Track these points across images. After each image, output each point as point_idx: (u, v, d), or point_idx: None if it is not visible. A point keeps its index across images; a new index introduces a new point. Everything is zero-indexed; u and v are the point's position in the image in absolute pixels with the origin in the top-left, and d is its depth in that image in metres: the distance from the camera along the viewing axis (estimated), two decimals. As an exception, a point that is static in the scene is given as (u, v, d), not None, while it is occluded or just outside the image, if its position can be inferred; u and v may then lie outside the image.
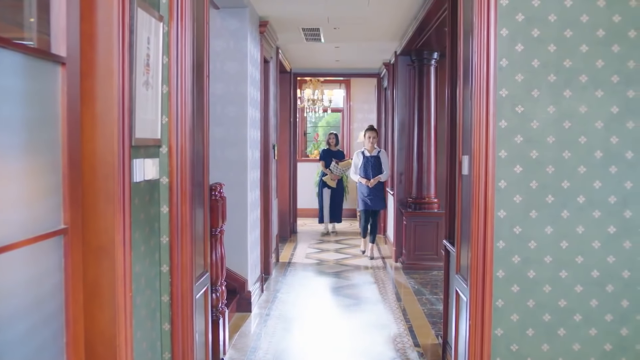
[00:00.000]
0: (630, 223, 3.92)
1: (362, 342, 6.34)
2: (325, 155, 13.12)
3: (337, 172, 13.01)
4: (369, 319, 7.19)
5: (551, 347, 3.98)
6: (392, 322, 6.99)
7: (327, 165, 13.01)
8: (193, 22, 3.95)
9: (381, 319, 7.13)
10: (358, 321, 7.10)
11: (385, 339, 6.42)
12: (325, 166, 13.05)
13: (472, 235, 3.93)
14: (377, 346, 6.20)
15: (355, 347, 6.19)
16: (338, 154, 13.20)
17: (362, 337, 6.54)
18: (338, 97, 16.01)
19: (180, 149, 3.89)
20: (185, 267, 3.94)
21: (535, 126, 3.89)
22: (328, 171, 13.00)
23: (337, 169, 12.96)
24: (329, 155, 13.03)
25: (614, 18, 3.85)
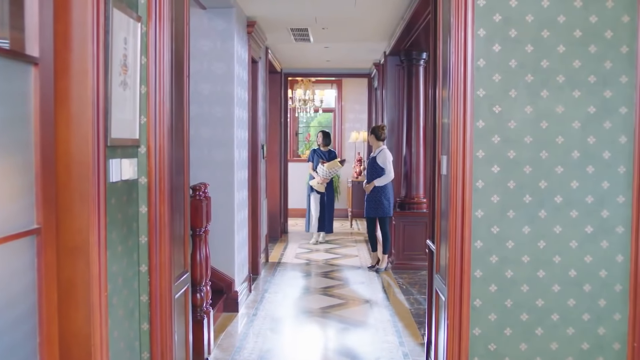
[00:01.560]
0: (607, 223, 3.94)
1: (348, 342, 6.35)
2: (314, 156, 12.00)
3: (325, 174, 11.70)
4: (356, 319, 7.20)
5: (529, 347, 3.99)
6: (379, 322, 7.00)
7: (316, 167, 11.88)
8: (172, 22, 3.95)
9: (368, 319, 7.15)
10: (345, 322, 7.11)
11: (372, 339, 6.43)
12: (314, 168, 11.91)
13: (450, 235, 3.94)
14: (363, 346, 6.21)
15: (340, 347, 6.21)
16: (329, 154, 11.94)
17: (348, 336, 6.55)
18: (329, 97, 16.03)
19: (158, 149, 3.90)
20: (164, 267, 3.95)
21: (512, 126, 3.90)
22: (315, 174, 11.84)
23: (324, 171, 11.66)
24: (319, 157, 11.91)
25: (591, 18, 3.87)
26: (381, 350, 6.04)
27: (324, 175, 11.70)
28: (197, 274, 5.57)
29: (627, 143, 3.90)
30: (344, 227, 14.42)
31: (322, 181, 11.77)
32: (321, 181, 11.76)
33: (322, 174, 11.69)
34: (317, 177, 11.75)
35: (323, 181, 11.78)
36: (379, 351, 6.03)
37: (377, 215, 9.63)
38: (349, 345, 6.25)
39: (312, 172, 11.90)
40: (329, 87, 15.98)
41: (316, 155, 11.91)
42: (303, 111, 14.85)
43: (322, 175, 11.70)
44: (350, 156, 15.68)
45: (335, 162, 11.69)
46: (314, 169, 11.83)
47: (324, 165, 11.60)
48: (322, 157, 11.78)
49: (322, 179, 11.74)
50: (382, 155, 9.54)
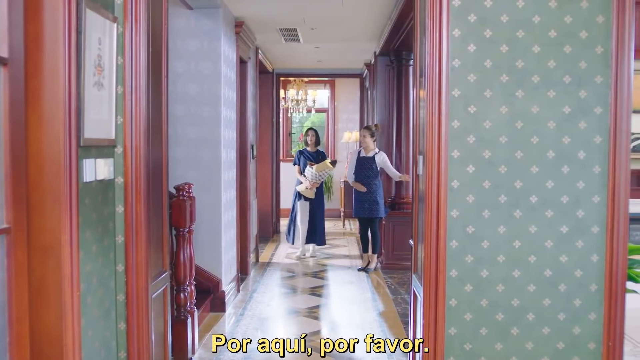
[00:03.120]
0: (582, 223, 3.95)
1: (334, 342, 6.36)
2: (301, 158, 10.54)
3: (315, 178, 10.26)
4: (343, 319, 7.21)
5: (504, 346, 4.01)
6: (366, 322, 7.00)
7: (304, 170, 10.40)
8: (148, 22, 3.96)
9: (355, 319, 7.15)
10: (332, 321, 7.12)
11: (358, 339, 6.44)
12: (301, 172, 10.45)
13: (425, 235, 3.96)
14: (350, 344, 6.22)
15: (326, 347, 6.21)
16: (317, 155, 10.54)
17: (334, 337, 6.55)
18: (323, 98, 16.04)
19: (135, 149, 3.91)
20: (140, 267, 3.96)
21: (487, 126, 3.92)
22: (303, 178, 10.34)
23: (314, 174, 10.22)
24: (306, 158, 10.47)
25: (566, 19, 3.88)
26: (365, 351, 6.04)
27: (314, 179, 10.24)
28: (181, 274, 5.57)
29: (602, 143, 3.92)
30: (337, 227, 14.42)
31: (312, 186, 10.30)
32: (310, 186, 10.29)
33: (312, 177, 10.22)
34: (306, 182, 10.28)
35: (313, 186, 10.30)
36: (364, 351, 6.03)
37: (373, 216, 9.50)
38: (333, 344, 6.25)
39: (299, 176, 10.46)
40: (322, 87, 15.99)
41: (303, 156, 10.48)
42: (296, 111, 14.86)
43: (312, 179, 10.23)
44: (342, 156, 15.68)
45: (325, 164, 10.27)
46: (302, 173, 10.39)
47: (312, 168, 10.16)
48: (311, 159, 10.40)
49: (312, 183, 10.27)
50: (381, 157, 9.49)
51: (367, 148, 9.59)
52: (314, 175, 10.19)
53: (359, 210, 9.57)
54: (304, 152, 10.53)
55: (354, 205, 9.68)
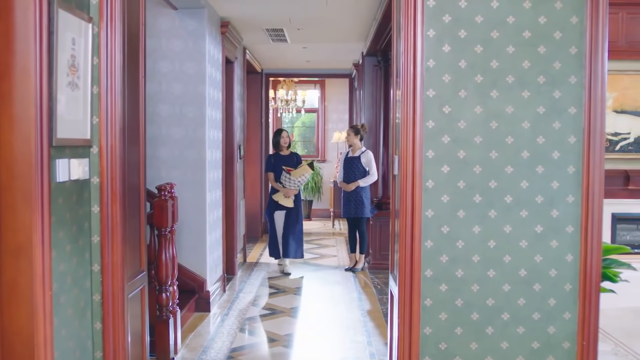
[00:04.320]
0: (556, 222, 3.96)
1: (318, 343, 6.37)
2: (273, 163, 9.48)
3: (292, 184, 9.32)
4: (328, 319, 7.22)
5: (480, 346, 4.02)
6: (350, 321, 7.02)
7: (278, 177, 9.41)
8: (124, 23, 3.96)
9: (340, 319, 7.16)
10: (316, 321, 7.13)
11: (341, 339, 6.45)
12: (276, 179, 9.42)
13: (400, 235, 3.97)
14: (331, 346, 6.23)
15: (309, 347, 6.22)
16: (290, 159, 9.53)
17: (319, 337, 6.56)
18: (313, 98, 16.06)
19: (110, 149, 3.92)
20: (116, 266, 3.96)
21: (462, 126, 3.93)
22: (279, 186, 9.35)
23: (291, 180, 9.29)
24: (279, 163, 9.43)
25: (540, 19, 3.89)
26: (348, 350, 6.06)
27: (293, 185, 9.32)
28: (163, 274, 5.58)
29: (576, 143, 3.93)
30: (326, 227, 14.42)
31: (290, 194, 9.35)
32: (289, 194, 9.34)
33: (290, 184, 9.29)
34: (282, 190, 9.31)
35: (291, 193, 9.36)
36: (346, 351, 6.05)
37: (359, 216, 9.49)
38: (316, 345, 6.27)
39: (274, 184, 9.40)
40: (312, 88, 16.00)
41: (278, 161, 9.46)
42: (285, 111, 14.86)
43: (290, 187, 9.30)
44: (332, 156, 15.71)
45: (304, 168, 9.39)
46: (277, 180, 9.39)
47: (290, 174, 9.27)
48: (287, 164, 9.42)
49: (291, 190, 9.32)
50: (367, 156, 9.44)
51: (354, 148, 9.59)
52: (294, 182, 9.28)
53: (345, 210, 9.59)
54: (277, 157, 9.52)
55: (342, 206, 9.73)
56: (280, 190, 9.31)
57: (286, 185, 9.31)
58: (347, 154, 9.71)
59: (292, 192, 9.32)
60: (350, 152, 9.65)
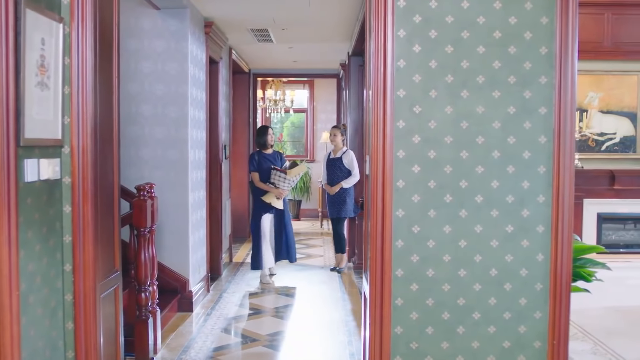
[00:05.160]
0: (527, 222, 3.98)
1: (299, 342, 6.38)
2: (258, 161, 8.95)
3: (287, 185, 8.88)
4: (311, 319, 7.24)
5: (451, 345, 4.03)
6: (333, 321, 7.04)
7: (266, 177, 8.86)
8: (95, 23, 3.96)
9: (323, 319, 7.18)
10: (299, 321, 7.14)
11: (322, 338, 6.47)
12: (264, 179, 8.87)
13: (371, 235, 3.98)
14: (312, 345, 6.24)
15: (290, 347, 6.23)
16: (275, 158, 9.11)
17: (300, 337, 6.57)
18: (302, 98, 16.07)
19: (82, 149, 3.92)
20: (88, 266, 3.97)
21: (433, 126, 3.94)
22: (270, 187, 8.83)
23: (286, 180, 8.83)
24: (265, 162, 8.95)
25: (510, 20, 3.91)
26: (329, 349, 6.08)
27: (287, 186, 8.91)
28: (142, 274, 5.58)
29: (546, 143, 3.95)
30: (315, 227, 14.42)
31: (284, 194, 8.95)
32: (282, 195, 8.92)
33: (285, 185, 8.85)
34: (275, 191, 8.81)
35: (285, 194, 8.97)
36: (327, 350, 6.07)
37: (342, 216, 9.45)
38: (297, 344, 6.28)
39: (262, 185, 8.86)
40: (301, 88, 16.00)
41: (262, 161, 8.97)
42: (274, 111, 14.87)
43: (284, 187, 8.87)
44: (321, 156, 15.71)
45: (301, 167, 9.16)
46: (266, 181, 8.87)
47: (285, 174, 8.80)
48: (272, 163, 8.99)
49: (283, 191, 8.88)
50: (349, 156, 9.36)
51: (336, 149, 9.53)
52: (289, 181, 8.86)
53: (330, 210, 9.57)
54: (262, 156, 9.00)
55: (327, 206, 9.73)
56: (272, 191, 8.78)
57: (279, 185, 8.81)
58: (328, 155, 9.64)
59: (285, 193, 8.94)
60: (332, 154, 9.57)
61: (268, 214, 8.91)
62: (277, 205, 8.86)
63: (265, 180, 8.86)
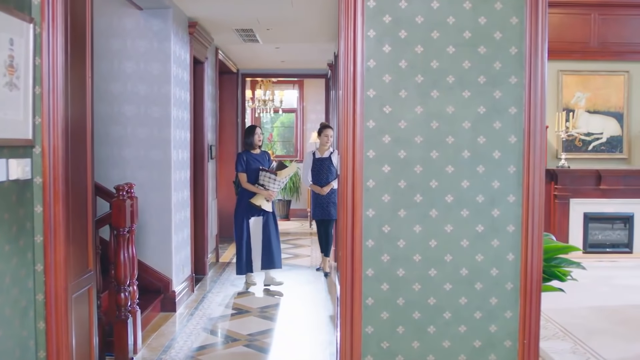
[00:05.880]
0: (498, 222, 3.98)
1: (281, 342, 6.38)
2: (246, 161, 8.53)
3: (277, 186, 8.54)
4: (294, 319, 7.25)
5: (421, 344, 4.03)
6: (316, 321, 7.05)
7: (253, 178, 8.48)
8: (66, 23, 3.96)
9: (306, 319, 7.20)
10: (282, 321, 7.14)
11: (305, 338, 6.48)
12: (251, 180, 8.48)
13: (341, 234, 3.98)
14: (294, 345, 6.25)
15: (269, 345, 6.24)
16: (262, 158, 8.70)
17: (281, 335, 6.58)
18: (291, 98, 16.07)
19: (53, 149, 3.92)
20: (59, 266, 3.97)
21: (403, 126, 3.94)
22: (259, 189, 8.43)
23: (277, 181, 8.48)
24: (253, 163, 8.55)
25: (480, 20, 3.91)
26: (310, 349, 6.10)
27: (277, 187, 8.58)
28: (121, 274, 5.59)
29: (517, 143, 3.95)
30: (304, 227, 14.42)
31: (274, 196, 8.60)
32: (272, 197, 8.55)
33: (275, 186, 8.50)
34: (265, 193, 8.44)
35: (274, 196, 8.62)
36: (307, 350, 6.09)
37: (327, 218, 9.22)
38: (279, 344, 6.29)
39: (250, 186, 8.46)
40: (290, 88, 16.01)
41: (251, 161, 8.57)
42: (263, 111, 14.87)
43: (275, 188, 8.51)
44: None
45: (292, 167, 8.79)
46: (254, 182, 8.49)
47: (275, 175, 8.47)
48: (260, 164, 8.61)
49: (272, 192, 8.50)
50: (337, 156, 9.12)
51: (322, 149, 9.33)
52: (278, 182, 8.51)
53: (316, 211, 9.36)
54: (249, 156, 8.59)
55: (311, 207, 9.53)
56: (262, 192, 8.38)
57: (269, 187, 8.41)
58: (313, 154, 9.34)
59: (275, 195, 8.56)
60: (317, 153, 9.33)
61: (257, 217, 8.51)
62: (267, 207, 8.47)
63: (253, 182, 8.48)
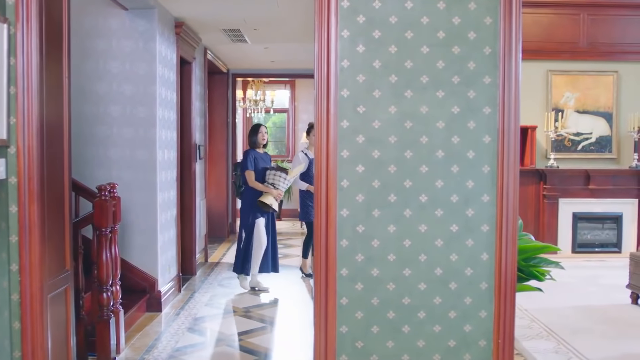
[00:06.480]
0: (472, 221, 3.99)
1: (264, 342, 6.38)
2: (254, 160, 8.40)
3: (285, 185, 8.47)
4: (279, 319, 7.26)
5: (396, 344, 4.04)
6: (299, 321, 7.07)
7: (260, 178, 8.39)
8: (41, 23, 3.97)
9: (289, 319, 7.21)
10: (268, 321, 7.14)
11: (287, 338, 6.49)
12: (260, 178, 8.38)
13: (315, 234, 3.99)
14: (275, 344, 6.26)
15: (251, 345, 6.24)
16: (266, 158, 8.70)
17: (263, 335, 6.59)
18: (283, 98, 16.07)
19: (27, 149, 3.93)
20: (34, 266, 3.98)
21: (377, 126, 3.95)
22: (269, 188, 8.30)
23: (286, 181, 8.42)
24: (259, 162, 8.46)
25: (454, 20, 3.92)
26: (293, 350, 6.10)
27: (285, 187, 8.50)
28: (103, 274, 5.59)
29: (491, 143, 3.96)
30: (295, 227, 14.42)
31: (279, 196, 8.45)
32: (281, 196, 8.48)
33: (284, 185, 8.42)
34: (275, 192, 8.31)
35: (280, 196, 8.47)
36: (290, 350, 6.09)
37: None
38: (261, 344, 6.29)
39: (259, 185, 8.32)
40: (282, 88, 16.01)
41: (258, 159, 8.47)
42: (255, 112, 14.87)
43: (283, 188, 8.44)
44: (302, 156, 15.73)
45: (300, 167, 8.70)
46: (263, 180, 8.41)
47: (286, 174, 8.40)
48: (265, 163, 8.56)
49: (280, 192, 8.42)
50: None
51: (312, 148, 9.04)
52: (287, 182, 8.43)
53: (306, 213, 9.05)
54: (257, 154, 8.51)
55: (299, 208, 9.24)
56: (272, 192, 8.25)
57: (279, 186, 8.33)
58: (307, 154, 9.09)
59: (280, 196, 8.42)
60: (310, 154, 9.10)
61: (262, 218, 8.38)
62: (276, 207, 8.41)
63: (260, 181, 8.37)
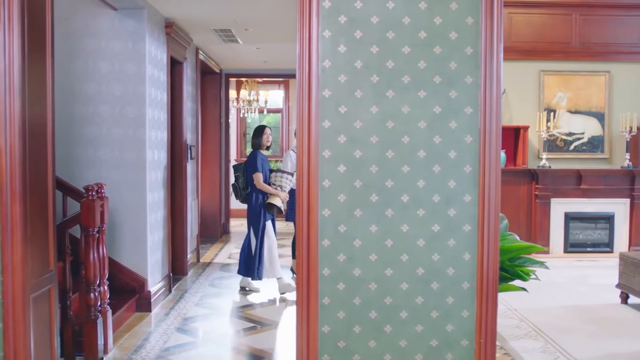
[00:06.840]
0: (454, 221, 3.99)
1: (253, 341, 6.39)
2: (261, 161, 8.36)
3: (288, 187, 8.46)
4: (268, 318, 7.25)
5: (378, 344, 4.04)
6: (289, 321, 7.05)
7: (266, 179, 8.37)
8: (23, 24, 3.97)
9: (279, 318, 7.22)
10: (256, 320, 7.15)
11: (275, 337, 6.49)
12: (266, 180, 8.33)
13: (297, 234, 3.99)
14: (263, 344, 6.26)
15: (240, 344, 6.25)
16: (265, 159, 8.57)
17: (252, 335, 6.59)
18: (277, 98, 16.07)
19: (9, 149, 3.93)
20: (16, 266, 3.98)
21: (358, 126, 3.95)
22: (277, 190, 8.28)
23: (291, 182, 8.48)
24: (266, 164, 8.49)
25: (436, 20, 3.92)
26: (280, 349, 6.11)
27: (288, 189, 8.49)
28: (91, 274, 5.60)
29: (472, 143, 3.96)
30: (288, 227, 14.39)
31: (286, 197, 8.45)
32: (286, 198, 8.47)
33: (289, 187, 8.46)
34: (282, 194, 8.33)
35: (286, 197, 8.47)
36: (278, 349, 6.09)
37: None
38: (249, 344, 6.29)
39: (267, 188, 8.28)
40: (276, 88, 16.01)
41: (265, 162, 8.47)
42: (248, 112, 14.87)
43: (287, 190, 8.47)
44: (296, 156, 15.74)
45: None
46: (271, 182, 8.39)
47: (292, 175, 8.46)
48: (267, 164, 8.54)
49: (287, 195, 8.45)
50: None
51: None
52: (292, 183, 8.44)
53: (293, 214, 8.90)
54: (263, 155, 8.48)
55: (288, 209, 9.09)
56: (279, 194, 8.26)
57: (285, 188, 8.37)
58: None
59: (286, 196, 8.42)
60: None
61: (270, 220, 8.41)
62: (282, 208, 8.42)
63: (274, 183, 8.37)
